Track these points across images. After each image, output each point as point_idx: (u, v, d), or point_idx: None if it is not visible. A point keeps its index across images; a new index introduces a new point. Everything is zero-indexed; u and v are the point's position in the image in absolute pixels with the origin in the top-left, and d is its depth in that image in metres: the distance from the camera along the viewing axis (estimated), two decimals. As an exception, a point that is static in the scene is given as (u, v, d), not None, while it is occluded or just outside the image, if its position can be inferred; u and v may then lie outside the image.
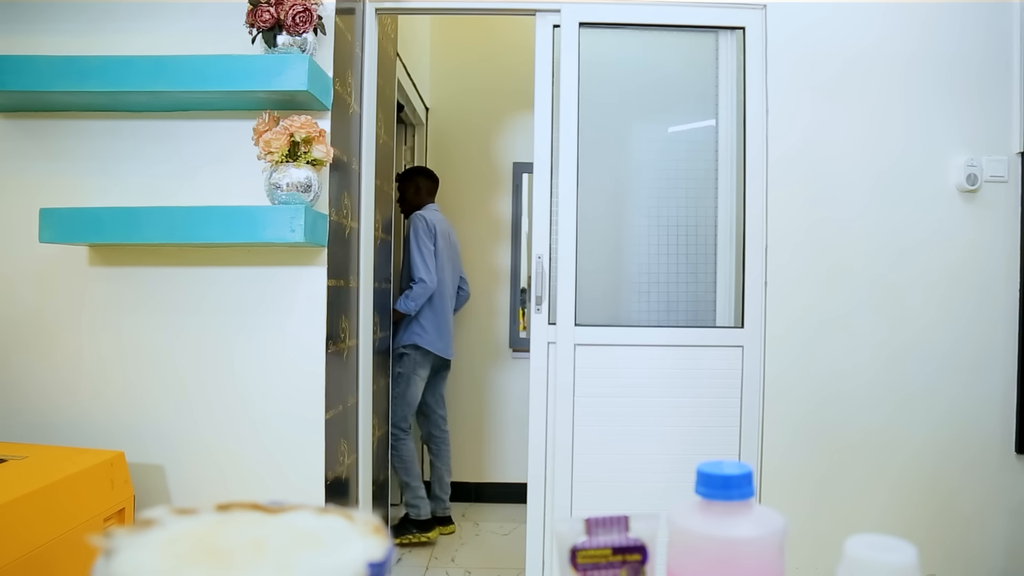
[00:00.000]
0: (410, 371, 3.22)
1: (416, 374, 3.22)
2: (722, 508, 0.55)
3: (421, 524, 3.22)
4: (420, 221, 3.22)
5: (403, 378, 3.21)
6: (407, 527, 3.22)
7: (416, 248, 3.17)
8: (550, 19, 2.34)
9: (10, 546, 1.34)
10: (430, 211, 3.32)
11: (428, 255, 3.17)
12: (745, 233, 2.32)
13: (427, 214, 3.27)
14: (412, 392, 3.21)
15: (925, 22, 2.32)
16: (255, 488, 2.00)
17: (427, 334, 3.23)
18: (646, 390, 2.31)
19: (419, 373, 3.22)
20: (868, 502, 2.32)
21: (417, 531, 3.21)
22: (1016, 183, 2.32)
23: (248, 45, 1.93)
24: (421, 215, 3.25)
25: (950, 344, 2.32)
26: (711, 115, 2.44)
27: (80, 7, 2.02)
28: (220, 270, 2.02)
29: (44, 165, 2.01)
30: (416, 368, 3.22)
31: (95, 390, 2.01)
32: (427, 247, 3.18)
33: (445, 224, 3.36)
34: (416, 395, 3.22)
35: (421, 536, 3.22)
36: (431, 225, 3.22)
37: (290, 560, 0.38)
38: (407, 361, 3.21)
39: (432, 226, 3.23)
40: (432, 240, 3.21)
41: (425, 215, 3.25)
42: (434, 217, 3.29)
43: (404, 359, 3.21)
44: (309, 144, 1.82)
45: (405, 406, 3.18)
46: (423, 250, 3.17)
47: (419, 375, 3.22)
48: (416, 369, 3.22)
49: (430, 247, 3.19)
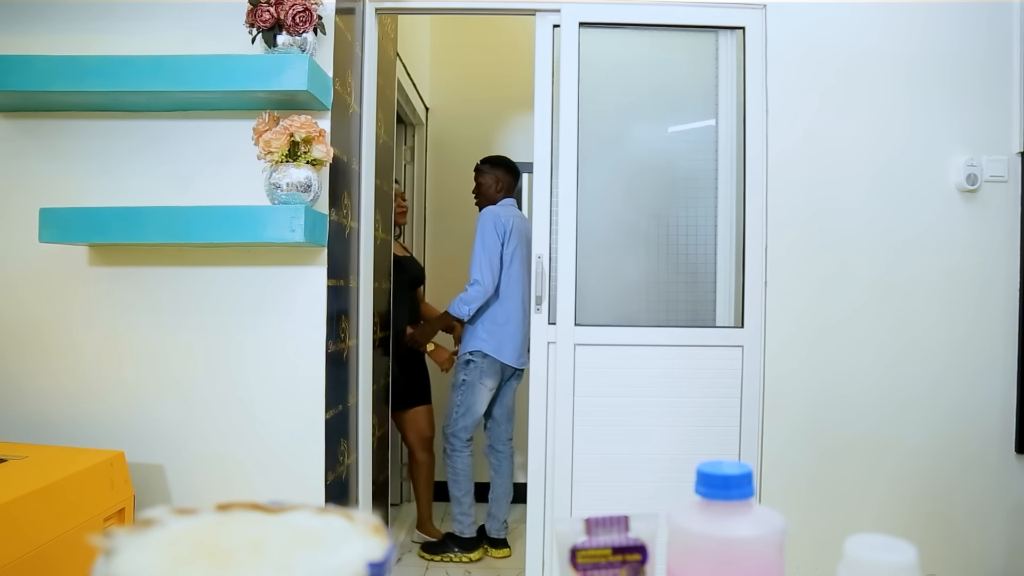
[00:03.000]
0: (475, 379, 2.99)
1: (481, 383, 2.99)
2: (722, 508, 0.55)
3: (464, 543, 3.01)
4: (490, 217, 2.99)
5: (467, 386, 2.99)
6: (448, 544, 3.03)
7: (480, 245, 2.95)
8: (550, 19, 2.34)
9: (10, 546, 1.34)
10: (505, 207, 3.09)
11: (492, 255, 2.95)
12: (745, 233, 2.32)
13: (501, 210, 3.04)
14: (476, 402, 3.00)
15: (925, 22, 2.32)
16: (255, 488, 2.00)
17: (492, 339, 2.99)
18: (646, 390, 2.31)
19: (485, 382, 2.99)
20: (868, 501, 2.32)
21: (460, 550, 3.01)
22: (1016, 183, 2.32)
23: (248, 45, 1.93)
24: (493, 210, 3.02)
25: (950, 344, 2.32)
26: (711, 115, 2.44)
27: (80, 7, 2.01)
28: (220, 270, 2.02)
29: (44, 165, 2.01)
30: (482, 376, 2.99)
31: (95, 390, 2.01)
32: (493, 246, 2.95)
33: (523, 222, 3.08)
34: (480, 406, 3.01)
35: (463, 556, 3.00)
36: (503, 222, 2.99)
37: (290, 560, 0.38)
38: (473, 368, 2.99)
39: (505, 224, 2.99)
40: (503, 239, 2.97)
41: (498, 211, 3.03)
42: (509, 214, 3.04)
43: (470, 366, 2.99)
44: (309, 144, 1.82)
45: (467, 416, 2.99)
46: (487, 248, 2.95)
47: (485, 384, 2.99)
48: (482, 378, 2.99)
49: (496, 246, 2.96)
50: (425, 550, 3.06)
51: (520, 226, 3.06)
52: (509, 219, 3.02)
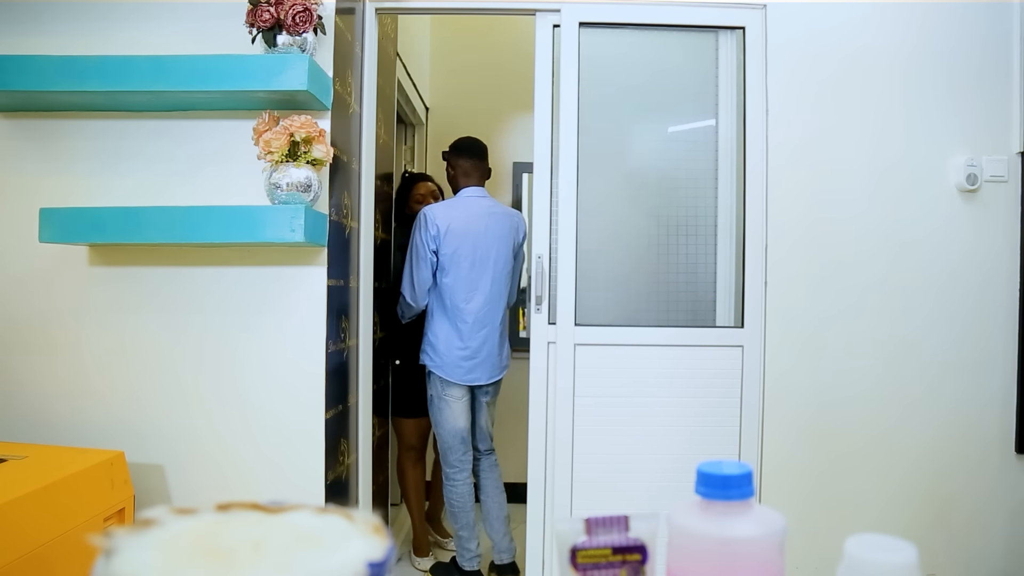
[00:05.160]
0: (437, 393, 2.71)
1: (443, 397, 2.69)
2: (722, 508, 0.55)
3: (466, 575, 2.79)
4: (419, 219, 2.68)
5: (432, 403, 2.73)
6: (452, 571, 2.86)
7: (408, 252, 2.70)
8: (550, 19, 2.34)
9: (10, 546, 1.34)
10: (455, 201, 2.73)
11: (416, 264, 2.66)
12: (745, 233, 2.32)
13: (437, 209, 2.67)
14: (445, 418, 2.70)
15: (925, 21, 2.32)
16: (255, 488, 2.00)
17: (434, 355, 2.70)
18: (646, 390, 2.31)
19: (446, 398, 2.69)
20: (868, 501, 2.32)
21: None
22: (1016, 183, 2.32)
23: (248, 45, 1.93)
24: (426, 210, 2.68)
25: (950, 344, 2.32)
26: (711, 115, 2.44)
27: (80, 7, 2.01)
28: (220, 270, 2.02)
29: (44, 165, 2.01)
30: (444, 389, 2.70)
31: (95, 390, 2.01)
32: (417, 254, 2.66)
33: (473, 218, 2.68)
34: (452, 421, 2.70)
35: None
36: (434, 222, 2.63)
37: (290, 560, 0.38)
38: (433, 382, 2.72)
39: (438, 223, 2.62)
40: (435, 243, 2.63)
41: (431, 211, 2.66)
42: (447, 211, 2.66)
43: (429, 379, 2.74)
44: (309, 144, 1.82)
45: (445, 436, 2.72)
46: (410, 257, 2.68)
47: (451, 395, 2.69)
48: (442, 392, 2.70)
49: (424, 253, 2.64)
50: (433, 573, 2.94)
51: (467, 222, 2.66)
52: (446, 218, 2.63)
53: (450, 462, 2.74)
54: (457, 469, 2.73)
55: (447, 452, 2.74)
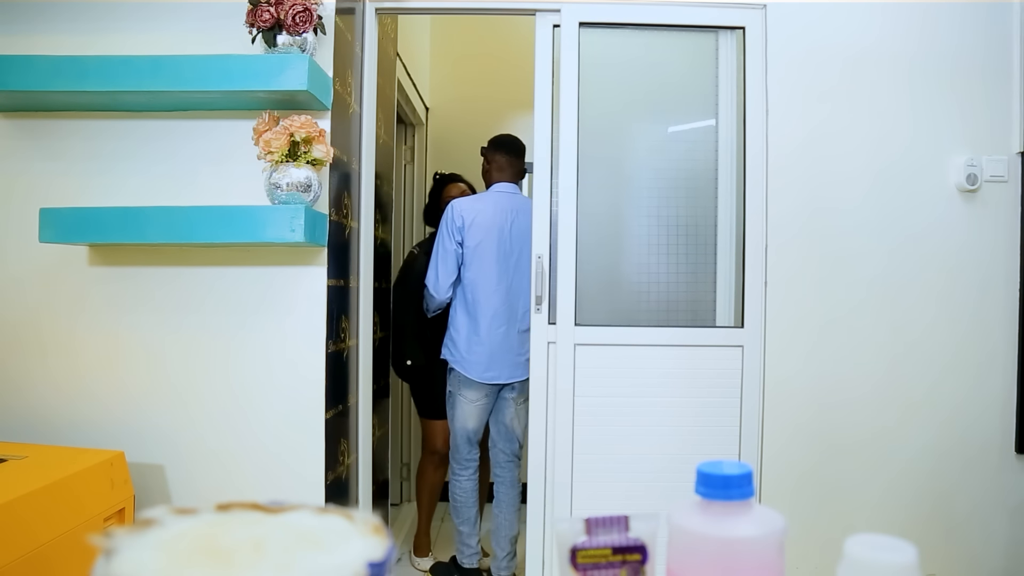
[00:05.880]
0: (455, 389, 2.72)
1: (461, 395, 2.71)
2: (722, 508, 0.55)
3: (465, 572, 2.79)
4: (447, 211, 2.71)
5: (450, 398, 2.75)
6: (450, 570, 2.87)
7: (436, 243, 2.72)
8: (550, 19, 2.34)
9: (10, 546, 1.34)
10: (486, 195, 2.77)
11: (442, 254, 2.68)
12: (745, 233, 2.32)
13: (465, 202, 2.72)
14: (459, 416, 2.73)
15: (925, 22, 2.32)
16: (255, 488, 2.00)
17: (455, 349, 2.71)
18: (646, 390, 2.31)
19: (464, 394, 2.70)
20: (868, 501, 2.32)
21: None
22: (1016, 183, 2.32)
23: (248, 45, 1.93)
24: (454, 203, 2.71)
25: (950, 344, 2.32)
26: (711, 115, 2.44)
27: (80, 7, 2.01)
28: (220, 270, 2.02)
29: (44, 165, 2.01)
30: (460, 388, 2.71)
31: (95, 390, 2.01)
32: (443, 244, 2.68)
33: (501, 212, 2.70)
34: (466, 420, 2.72)
35: None
36: (461, 215, 2.66)
37: (290, 560, 0.38)
38: (453, 378, 2.74)
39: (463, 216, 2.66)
40: (459, 235, 2.66)
41: (459, 203, 2.70)
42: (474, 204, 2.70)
43: (450, 374, 2.75)
44: (309, 144, 1.82)
45: (457, 432, 2.74)
46: (437, 248, 2.70)
47: (465, 396, 2.70)
48: (460, 389, 2.71)
49: (449, 245, 2.66)
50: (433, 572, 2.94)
51: (493, 216, 2.68)
52: (472, 211, 2.67)
53: (457, 459, 2.80)
54: (463, 466, 2.79)
55: (455, 449, 2.79)
